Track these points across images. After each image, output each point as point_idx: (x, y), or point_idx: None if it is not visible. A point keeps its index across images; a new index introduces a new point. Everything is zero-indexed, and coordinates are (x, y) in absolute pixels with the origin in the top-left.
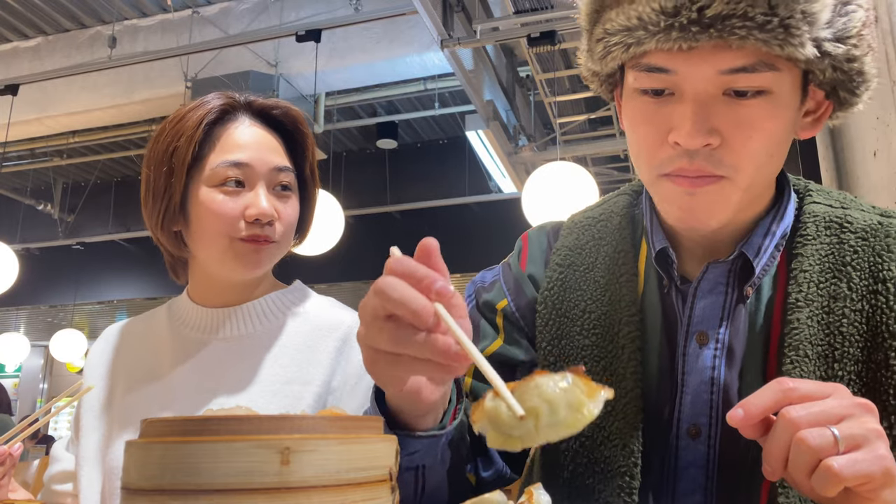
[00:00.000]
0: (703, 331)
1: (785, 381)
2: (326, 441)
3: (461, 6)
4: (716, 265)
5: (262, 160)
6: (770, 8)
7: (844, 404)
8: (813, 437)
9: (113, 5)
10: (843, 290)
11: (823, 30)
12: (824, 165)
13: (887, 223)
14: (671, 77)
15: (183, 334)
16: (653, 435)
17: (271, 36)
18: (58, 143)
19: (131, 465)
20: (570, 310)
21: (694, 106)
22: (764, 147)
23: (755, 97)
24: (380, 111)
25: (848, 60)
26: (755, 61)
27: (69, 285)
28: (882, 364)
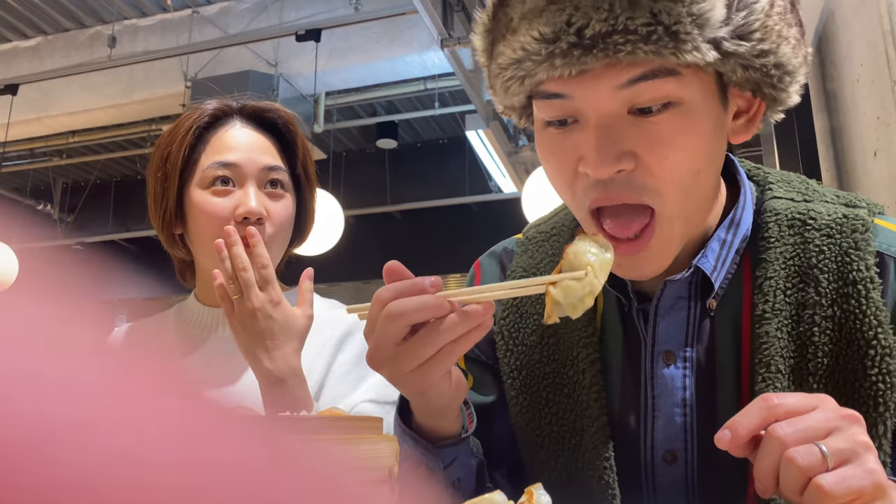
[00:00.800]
0: (669, 350)
1: (769, 398)
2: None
3: (461, 6)
4: (673, 281)
5: (251, 160)
6: (653, 16)
7: (830, 417)
8: (801, 457)
9: (113, 5)
10: (812, 295)
11: (719, 29)
12: (824, 165)
13: (853, 216)
14: (570, 102)
15: (189, 333)
16: (626, 461)
17: (271, 36)
18: (57, 143)
19: None
20: (527, 337)
21: (598, 131)
22: (685, 165)
23: (663, 111)
24: (380, 111)
25: (757, 56)
26: (652, 69)
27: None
28: (860, 374)
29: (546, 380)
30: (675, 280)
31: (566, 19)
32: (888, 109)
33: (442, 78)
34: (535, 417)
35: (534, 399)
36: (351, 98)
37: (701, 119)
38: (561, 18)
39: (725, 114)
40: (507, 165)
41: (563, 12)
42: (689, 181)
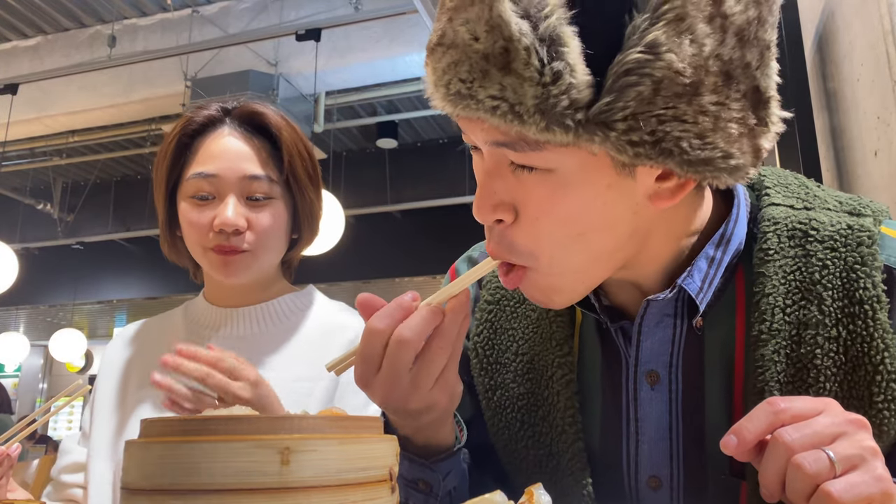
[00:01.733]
0: (653, 370)
1: (775, 402)
2: (326, 441)
3: None
4: (655, 301)
5: (231, 169)
6: (500, 88)
7: (837, 422)
8: (809, 463)
9: (112, 4)
10: (815, 314)
11: (576, 113)
12: (825, 165)
13: (858, 226)
14: (469, 137)
15: (197, 332)
16: (609, 486)
17: (271, 35)
18: (57, 143)
19: (131, 465)
20: (501, 354)
21: (483, 176)
22: (560, 230)
23: (535, 174)
24: (380, 110)
25: (631, 144)
26: (512, 140)
27: (68, 285)
28: (865, 401)
29: (521, 401)
30: (657, 300)
31: (444, 66)
32: (889, 109)
33: None
34: (511, 440)
35: (509, 420)
36: (351, 98)
37: (580, 187)
38: (441, 64)
39: (634, 182)
40: None
41: (444, 57)
42: (566, 242)
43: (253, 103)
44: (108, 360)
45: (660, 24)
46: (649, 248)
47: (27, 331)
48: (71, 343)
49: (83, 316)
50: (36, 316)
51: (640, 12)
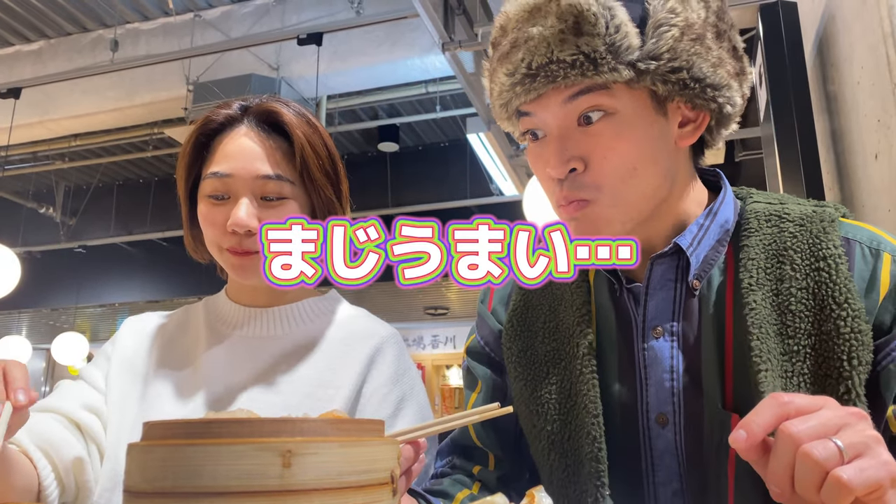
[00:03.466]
0: (658, 325)
1: (780, 397)
2: (328, 444)
3: (462, 9)
4: (660, 262)
5: (245, 169)
6: (577, 49)
7: (840, 415)
8: (818, 451)
9: (115, 9)
10: (788, 271)
11: (631, 53)
12: (825, 167)
13: (821, 211)
14: (535, 118)
15: (216, 327)
16: (625, 428)
17: (273, 39)
18: (60, 147)
19: (133, 468)
20: (532, 324)
21: (555, 141)
22: (622, 163)
23: (601, 120)
24: (381, 114)
25: (670, 72)
26: (587, 85)
27: (71, 288)
28: (833, 333)
29: (546, 356)
30: (661, 259)
31: (521, 58)
32: (889, 112)
33: (443, 81)
34: (536, 389)
35: (535, 375)
36: (352, 101)
37: (634, 126)
38: (518, 57)
39: (666, 121)
40: (508, 168)
41: (519, 53)
42: (626, 176)
43: (271, 101)
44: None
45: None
46: (670, 201)
47: (29, 334)
48: (73, 346)
49: (85, 319)
50: (38, 319)
51: None
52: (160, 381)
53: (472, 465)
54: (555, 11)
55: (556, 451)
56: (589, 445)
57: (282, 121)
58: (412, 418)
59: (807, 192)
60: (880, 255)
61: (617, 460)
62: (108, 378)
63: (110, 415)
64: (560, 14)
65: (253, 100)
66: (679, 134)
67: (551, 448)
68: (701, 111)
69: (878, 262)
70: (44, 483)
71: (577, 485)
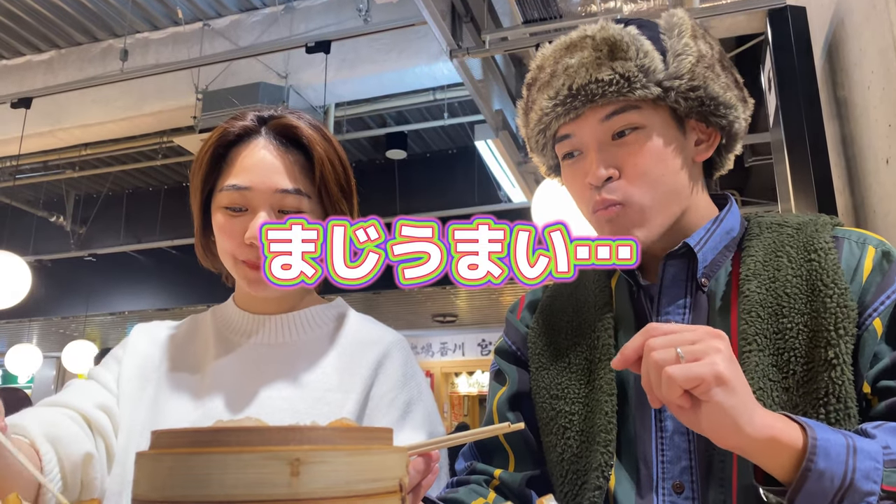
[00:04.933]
0: (670, 319)
1: (651, 325)
2: (336, 452)
3: (470, 16)
4: (672, 262)
5: (264, 183)
6: (613, 71)
7: (698, 334)
8: (658, 354)
9: (125, 19)
10: (784, 262)
11: (659, 74)
12: (836, 172)
13: (816, 219)
14: (575, 140)
15: (226, 336)
16: (640, 413)
17: (281, 48)
18: (70, 156)
19: (141, 477)
20: (556, 322)
21: (594, 154)
22: (649, 169)
23: (632, 133)
24: (389, 121)
25: (690, 90)
26: (622, 105)
27: (81, 297)
28: (821, 309)
29: (569, 349)
30: (673, 259)
31: (562, 83)
32: None
33: (451, 88)
34: (558, 375)
35: (558, 364)
36: (360, 109)
37: (660, 139)
38: (559, 83)
39: (685, 139)
40: (516, 175)
41: (559, 80)
42: (655, 182)
43: (289, 115)
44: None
45: (685, 35)
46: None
47: (40, 342)
48: (83, 354)
49: (95, 327)
50: (49, 327)
51: (667, 32)
52: (170, 388)
53: (493, 469)
54: (590, 45)
55: (574, 429)
56: (602, 419)
57: (301, 135)
58: (420, 422)
59: (817, 196)
60: (865, 246)
61: (630, 441)
62: (120, 381)
63: (121, 418)
64: (595, 46)
65: (266, 111)
66: (695, 151)
67: (568, 426)
68: (713, 130)
69: (863, 252)
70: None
71: (587, 458)
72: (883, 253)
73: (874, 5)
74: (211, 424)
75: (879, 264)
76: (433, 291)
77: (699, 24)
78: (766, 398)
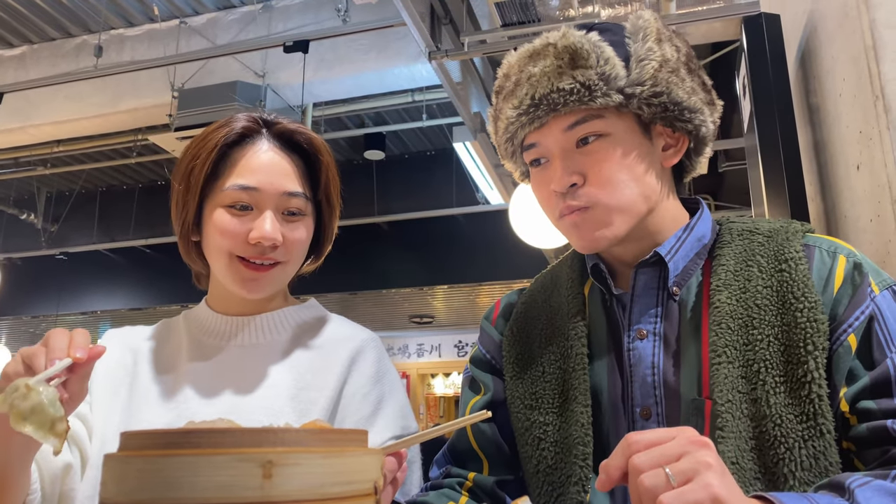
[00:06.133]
0: (642, 328)
1: (630, 437)
2: (310, 454)
3: (449, 19)
4: (644, 272)
5: (272, 184)
6: (574, 79)
7: (682, 444)
8: (648, 479)
9: (99, 14)
10: (755, 272)
11: (621, 80)
12: (808, 178)
13: (787, 226)
14: (540, 148)
15: (200, 339)
16: (614, 422)
17: (259, 46)
18: (42, 153)
19: (109, 479)
20: (531, 331)
21: (558, 161)
22: (613, 175)
23: (596, 141)
24: (367, 122)
25: (653, 96)
26: (584, 115)
27: (52, 296)
28: (792, 324)
29: (543, 358)
30: (644, 268)
31: (525, 92)
32: (870, 124)
33: (430, 90)
34: (532, 385)
35: (533, 373)
36: (339, 109)
37: (624, 146)
38: (522, 92)
39: (651, 144)
40: (494, 177)
41: (523, 89)
42: (617, 184)
43: (290, 121)
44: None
45: (650, 39)
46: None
47: (9, 342)
48: None
49: (66, 327)
50: (19, 327)
51: (633, 36)
52: (143, 393)
53: (467, 472)
54: (552, 53)
55: (549, 440)
56: (578, 431)
57: (307, 141)
58: (392, 418)
59: (790, 202)
60: (836, 256)
61: (605, 451)
62: (92, 386)
63: (94, 424)
64: (557, 54)
65: (262, 115)
66: (663, 157)
67: (543, 437)
68: (680, 135)
69: (834, 262)
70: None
71: (563, 470)
72: (854, 264)
73: (846, 14)
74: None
75: (851, 276)
76: (410, 292)
77: (666, 27)
78: (734, 410)
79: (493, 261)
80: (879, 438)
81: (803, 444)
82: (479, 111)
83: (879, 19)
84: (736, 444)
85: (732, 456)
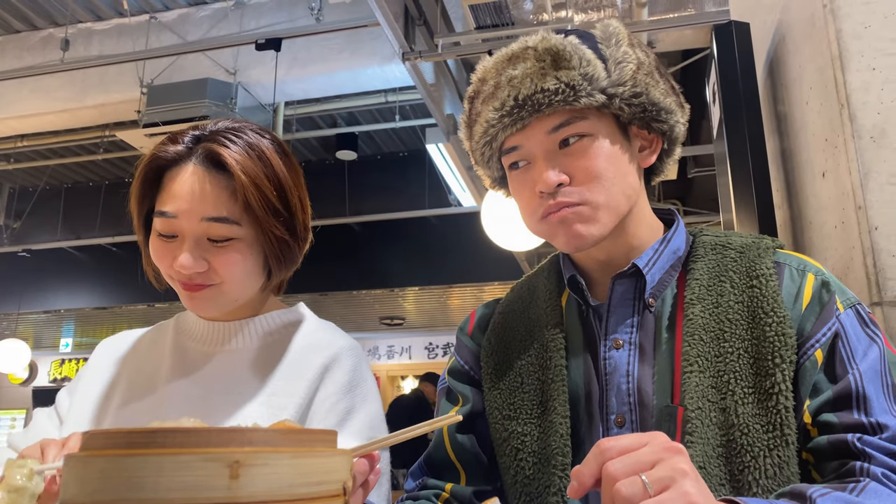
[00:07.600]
0: (618, 338)
1: (603, 443)
2: (278, 455)
3: (423, 20)
4: (621, 282)
5: (190, 212)
6: (558, 80)
7: (656, 450)
8: (625, 487)
9: (66, 7)
10: (727, 288)
11: (603, 81)
12: (775, 185)
13: (759, 241)
14: (522, 151)
15: (183, 344)
16: (590, 430)
17: (231, 44)
18: (5, 147)
19: (70, 480)
20: (509, 342)
21: (543, 162)
22: (601, 172)
23: (578, 141)
24: (340, 122)
25: (633, 96)
26: (568, 117)
27: (13, 293)
28: (762, 337)
29: (521, 369)
30: (621, 279)
31: (507, 93)
32: (836, 132)
33: (403, 91)
34: (511, 396)
35: (511, 384)
36: (311, 108)
37: (606, 145)
38: (504, 94)
39: (629, 145)
40: (466, 179)
41: (504, 91)
42: (605, 180)
43: (225, 133)
44: (94, 365)
45: (623, 44)
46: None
47: None
48: (14, 354)
49: (28, 326)
50: None
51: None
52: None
53: (444, 483)
54: (533, 55)
55: (527, 450)
56: (557, 441)
57: (226, 162)
58: (358, 429)
59: (757, 209)
60: (805, 274)
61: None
62: (72, 402)
63: None
64: (538, 56)
65: (207, 128)
66: (640, 157)
67: (521, 448)
68: (655, 136)
69: (803, 280)
70: None
71: (541, 480)
72: (822, 282)
73: (814, 24)
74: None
75: (819, 294)
76: (381, 294)
77: (633, 34)
78: (703, 417)
79: (464, 263)
80: (838, 451)
81: (768, 453)
82: (452, 113)
83: (846, 30)
84: (704, 451)
85: (700, 461)
